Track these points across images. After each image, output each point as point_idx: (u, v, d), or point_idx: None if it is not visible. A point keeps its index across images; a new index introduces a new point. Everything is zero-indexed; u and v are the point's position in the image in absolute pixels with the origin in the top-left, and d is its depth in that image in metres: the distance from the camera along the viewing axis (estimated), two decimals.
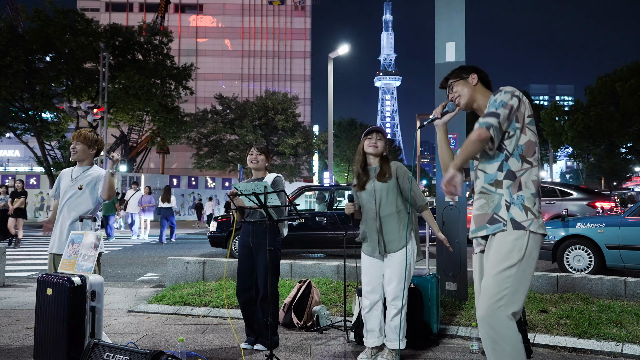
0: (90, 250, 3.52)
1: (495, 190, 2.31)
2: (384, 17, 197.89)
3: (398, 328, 3.43)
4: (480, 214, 2.36)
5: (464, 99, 2.50)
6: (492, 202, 2.31)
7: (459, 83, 2.52)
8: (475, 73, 2.51)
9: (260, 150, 3.95)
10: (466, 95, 2.50)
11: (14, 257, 10.17)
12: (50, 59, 24.22)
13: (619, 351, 3.68)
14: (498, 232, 2.26)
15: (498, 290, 2.18)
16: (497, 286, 2.19)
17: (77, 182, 3.76)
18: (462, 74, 2.53)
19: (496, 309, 2.16)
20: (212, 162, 35.40)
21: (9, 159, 45.55)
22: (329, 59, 18.85)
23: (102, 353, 2.89)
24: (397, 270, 3.44)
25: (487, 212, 2.32)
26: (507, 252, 2.22)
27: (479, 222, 2.36)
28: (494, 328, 2.16)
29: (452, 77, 2.57)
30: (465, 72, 2.53)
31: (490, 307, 2.18)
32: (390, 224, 3.46)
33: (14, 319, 4.84)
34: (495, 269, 2.22)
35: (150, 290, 6.37)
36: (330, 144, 19.67)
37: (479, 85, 2.51)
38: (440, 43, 5.03)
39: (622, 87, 35.04)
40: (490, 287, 2.21)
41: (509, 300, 2.17)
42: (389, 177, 3.47)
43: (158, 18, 46.87)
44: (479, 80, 2.51)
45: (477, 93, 2.50)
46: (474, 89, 2.50)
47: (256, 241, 3.78)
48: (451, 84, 2.56)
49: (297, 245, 9.80)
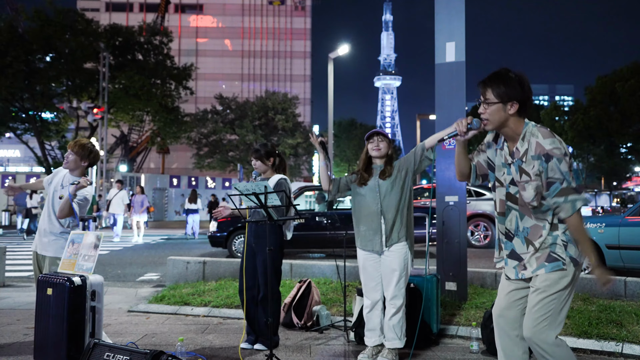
0: (90, 250, 3.52)
1: (549, 232, 2.31)
2: (384, 17, 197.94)
3: (397, 327, 3.43)
4: (538, 256, 2.32)
5: (491, 125, 2.33)
6: (547, 242, 2.30)
7: (496, 106, 2.29)
8: (517, 102, 2.27)
9: (257, 156, 3.94)
10: (496, 122, 2.32)
11: (14, 257, 10.17)
12: (50, 59, 24.24)
13: (619, 351, 3.68)
14: (557, 270, 2.29)
15: (544, 313, 2.26)
16: (544, 308, 2.27)
17: (63, 191, 3.70)
18: (505, 95, 2.27)
19: (541, 329, 2.26)
20: (212, 162, 35.40)
21: (9, 159, 45.54)
22: (329, 59, 18.84)
23: (102, 353, 2.89)
24: (395, 269, 3.46)
25: (545, 252, 2.31)
26: (558, 279, 2.28)
27: (536, 262, 2.32)
28: (542, 348, 2.26)
29: (494, 91, 2.30)
30: (509, 94, 2.27)
31: (536, 327, 2.27)
32: (390, 220, 3.49)
33: (14, 319, 4.84)
34: (544, 293, 2.28)
35: (151, 290, 6.37)
36: (330, 144, 19.67)
37: (515, 116, 2.30)
38: (440, 43, 5.03)
39: (622, 87, 35.02)
40: (536, 310, 2.28)
41: (553, 321, 2.27)
42: (388, 175, 3.52)
43: (158, 18, 46.85)
44: (517, 110, 2.29)
45: (510, 120, 2.31)
46: (509, 117, 2.30)
47: (257, 241, 3.78)
48: (488, 100, 2.31)
49: (297, 245, 9.79)
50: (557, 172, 2.20)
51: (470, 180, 2.58)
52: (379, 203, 3.51)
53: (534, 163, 2.24)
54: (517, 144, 2.32)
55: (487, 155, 2.50)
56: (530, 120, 2.36)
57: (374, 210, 3.53)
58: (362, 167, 3.62)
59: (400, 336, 3.46)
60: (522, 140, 2.30)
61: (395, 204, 3.48)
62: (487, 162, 2.49)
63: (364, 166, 3.61)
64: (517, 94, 2.27)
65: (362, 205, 3.59)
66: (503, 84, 2.28)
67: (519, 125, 2.32)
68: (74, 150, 3.77)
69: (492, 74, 2.34)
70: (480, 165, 2.53)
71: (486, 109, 2.32)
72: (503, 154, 2.39)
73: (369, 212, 3.55)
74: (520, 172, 2.30)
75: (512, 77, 2.28)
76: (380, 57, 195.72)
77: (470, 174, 2.55)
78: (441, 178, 5.04)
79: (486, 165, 2.50)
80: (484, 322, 3.78)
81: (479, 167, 2.53)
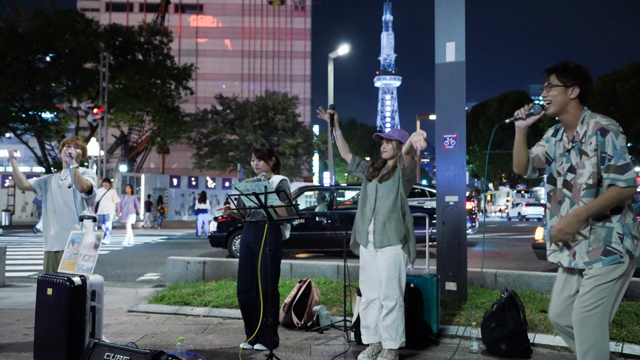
0: (90, 250, 3.52)
1: (603, 224, 2.37)
2: (384, 17, 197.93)
3: (390, 328, 3.43)
4: (593, 248, 2.38)
5: (554, 108, 2.47)
6: (601, 235, 2.36)
7: (559, 89, 2.44)
8: (578, 87, 2.43)
9: (259, 156, 3.91)
10: (558, 104, 2.46)
11: (14, 257, 10.17)
12: (51, 59, 24.25)
13: (619, 351, 3.68)
14: (614, 263, 2.35)
15: (596, 300, 2.34)
16: (597, 295, 2.34)
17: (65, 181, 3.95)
18: (567, 80, 2.44)
19: (591, 315, 2.33)
20: (212, 162, 35.39)
21: (9, 159, 45.55)
22: (329, 59, 18.85)
23: (102, 353, 2.89)
24: (386, 270, 3.47)
25: (600, 246, 2.36)
26: (612, 269, 2.34)
27: (592, 256, 2.37)
28: (587, 333, 2.33)
29: (558, 76, 2.46)
30: (571, 80, 2.43)
31: (586, 312, 2.34)
32: (382, 221, 3.52)
33: (14, 319, 4.84)
34: (598, 281, 2.35)
35: (151, 290, 6.37)
36: (330, 144, 19.61)
37: (575, 100, 2.45)
38: (440, 43, 5.03)
39: (622, 87, 35.03)
40: (589, 297, 2.35)
41: (604, 310, 2.33)
42: (387, 178, 3.58)
43: (158, 18, 46.88)
44: (579, 94, 2.44)
45: (570, 105, 2.45)
46: (570, 101, 2.45)
47: (257, 241, 3.78)
48: (551, 83, 2.47)
49: (297, 245, 9.80)
50: (610, 148, 2.30)
51: (527, 172, 2.65)
52: (374, 204, 3.59)
53: (591, 140, 2.36)
54: (576, 128, 2.45)
55: (545, 149, 2.61)
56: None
57: (368, 209, 3.62)
58: (379, 164, 3.73)
59: (395, 337, 3.44)
60: (582, 124, 2.43)
61: (387, 209, 3.52)
62: (546, 155, 2.61)
63: (381, 164, 3.72)
64: (578, 81, 2.43)
65: (362, 200, 3.70)
66: (566, 70, 2.45)
67: (578, 111, 2.45)
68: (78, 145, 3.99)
69: (558, 63, 2.52)
70: (538, 158, 2.63)
71: (549, 92, 2.47)
72: (562, 144, 2.52)
73: (364, 209, 3.65)
74: (580, 154, 2.42)
75: (575, 67, 2.46)
76: (380, 57, 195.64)
77: (527, 165, 2.64)
78: (441, 178, 5.04)
79: (544, 159, 2.61)
80: (484, 322, 3.78)
81: (537, 160, 2.64)
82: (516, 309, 3.68)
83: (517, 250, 12.18)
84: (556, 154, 2.54)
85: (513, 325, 3.60)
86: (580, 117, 2.44)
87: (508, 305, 3.70)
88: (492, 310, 3.77)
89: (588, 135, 2.38)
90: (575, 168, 2.43)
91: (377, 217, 3.55)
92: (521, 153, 2.61)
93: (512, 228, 23.54)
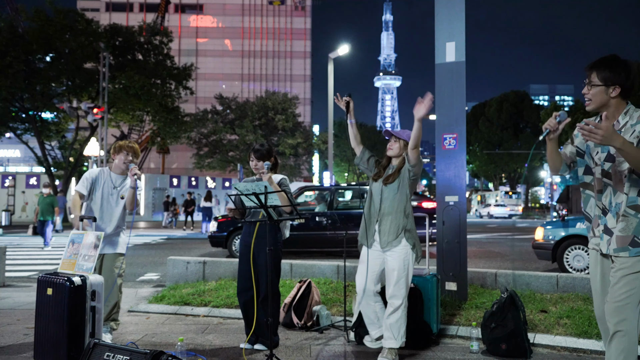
0: (90, 250, 3.52)
1: (635, 214, 2.39)
2: (384, 17, 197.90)
3: (394, 326, 3.44)
4: (622, 235, 2.41)
5: (593, 105, 2.47)
6: (632, 224, 2.39)
7: (599, 89, 2.43)
8: (619, 87, 2.40)
9: (258, 156, 3.89)
10: (598, 103, 2.46)
11: (14, 257, 10.17)
12: (51, 59, 24.23)
13: None
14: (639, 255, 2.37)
15: (626, 290, 2.36)
16: (627, 286, 2.36)
17: (122, 191, 4.13)
18: (608, 80, 2.40)
19: (623, 305, 2.35)
20: (212, 162, 35.39)
21: (9, 159, 45.53)
22: (329, 59, 18.84)
23: (102, 353, 2.89)
24: (394, 268, 3.50)
25: (628, 235, 2.39)
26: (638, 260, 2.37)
27: (619, 242, 2.41)
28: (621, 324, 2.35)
29: (599, 74, 2.42)
30: (613, 80, 2.40)
31: (618, 302, 2.36)
32: (387, 222, 3.55)
33: (14, 319, 4.84)
34: (626, 271, 2.37)
35: (151, 290, 6.37)
36: (330, 144, 19.66)
37: (617, 98, 2.43)
38: (440, 43, 5.03)
39: None
40: (618, 287, 2.38)
41: (635, 300, 2.35)
42: (392, 181, 3.59)
43: (158, 18, 46.89)
44: (620, 94, 2.42)
45: (611, 102, 2.44)
46: (610, 99, 2.43)
47: (257, 241, 3.78)
48: (592, 82, 2.44)
49: (297, 245, 9.79)
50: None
51: (561, 171, 2.67)
52: (379, 205, 3.60)
53: (634, 129, 2.36)
54: (618, 118, 2.44)
55: (575, 146, 2.63)
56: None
57: (374, 210, 3.63)
58: (384, 163, 3.73)
59: (397, 336, 3.45)
60: (625, 115, 2.43)
61: (393, 210, 3.55)
62: (576, 151, 2.63)
63: (386, 163, 3.72)
64: (620, 79, 2.39)
65: (368, 201, 3.72)
66: (608, 68, 2.40)
67: (620, 107, 2.45)
68: (134, 153, 4.16)
69: (600, 58, 2.46)
70: (566, 156, 2.65)
71: (589, 90, 2.45)
72: None
73: (370, 210, 3.66)
74: None
75: (618, 64, 2.41)
76: (380, 57, 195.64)
77: (561, 166, 2.66)
78: (441, 178, 5.04)
79: (571, 155, 2.64)
80: (484, 322, 3.78)
81: (566, 158, 2.65)
82: (516, 309, 3.68)
83: (517, 250, 12.19)
84: (590, 146, 2.54)
85: (513, 325, 3.60)
86: (624, 109, 2.44)
87: (508, 305, 3.70)
88: (492, 310, 3.78)
89: (630, 124, 2.38)
90: (615, 156, 2.42)
91: (383, 218, 3.57)
92: (555, 159, 2.62)
93: (512, 228, 23.53)
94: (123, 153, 4.11)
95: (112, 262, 3.99)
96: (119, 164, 4.12)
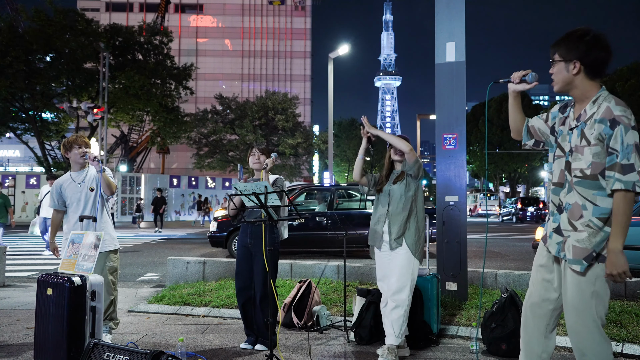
0: (90, 250, 3.52)
1: (602, 227, 2.15)
2: (384, 17, 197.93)
3: (395, 323, 3.45)
4: (580, 247, 2.18)
5: (557, 85, 2.29)
6: (596, 239, 2.16)
7: (559, 65, 2.24)
8: (579, 62, 2.18)
9: (262, 150, 3.98)
10: (560, 82, 2.27)
11: (14, 257, 10.17)
12: (51, 59, 24.23)
13: (619, 351, 3.68)
14: (590, 268, 2.19)
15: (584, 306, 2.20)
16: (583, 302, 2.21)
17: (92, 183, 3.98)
18: (568, 54, 2.20)
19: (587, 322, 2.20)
20: (212, 162, 35.41)
21: (9, 159, 45.55)
22: (329, 59, 18.84)
23: (102, 353, 2.89)
24: (400, 267, 3.51)
25: (587, 248, 2.17)
26: (589, 273, 2.20)
27: (576, 254, 2.20)
28: (583, 342, 2.21)
29: (559, 50, 2.25)
30: (572, 54, 2.19)
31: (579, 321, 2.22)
32: (397, 224, 3.57)
33: (14, 319, 4.84)
34: (580, 284, 2.21)
35: (150, 290, 6.37)
36: (331, 144, 19.66)
37: (580, 74, 2.20)
38: (440, 43, 5.03)
39: (622, 87, 35.03)
40: (578, 304, 2.22)
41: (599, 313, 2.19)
42: (400, 180, 3.63)
43: (158, 18, 46.82)
44: (582, 69, 2.19)
45: (577, 81, 2.22)
46: (573, 77, 2.22)
47: (255, 241, 3.78)
48: (552, 59, 2.27)
49: (297, 245, 9.80)
50: (618, 143, 2.07)
51: (523, 140, 2.51)
52: (387, 205, 3.62)
53: (596, 127, 2.13)
54: (585, 106, 2.23)
55: (548, 124, 2.42)
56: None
57: (382, 211, 3.66)
58: (385, 173, 3.75)
59: (398, 333, 3.46)
60: (593, 104, 2.20)
61: (401, 210, 3.58)
62: (546, 130, 2.42)
63: (387, 172, 3.74)
64: (578, 54, 2.19)
65: (376, 203, 3.75)
66: (566, 42, 2.23)
67: (589, 89, 2.23)
68: (86, 144, 4.04)
69: (564, 34, 2.28)
70: (534, 129, 2.47)
71: (553, 68, 2.28)
72: (568, 121, 2.30)
73: (379, 213, 3.68)
74: (581, 137, 2.20)
75: (578, 37, 2.20)
76: (380, 57, 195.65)
77: (522, 131, 2.50)
78: (441, 178, 5.04)
79: (546, 132, 2.43)
80: (484, 322, 3.78)
81: (533, 131, 2.47)
82: (516, 309, 3.68)
83: (517, 250, 12.18)
84: (563, 131, 2.32)
85: (513, 325, 3.60)
86: (595, 96, 2.20)
87: (508, 305, 3.70)
88: (492, 310, 3.78)
89: (594, 119, 2.14)
90: (573, 151, 2.22)
91: (392, 219, 3.59)
92: (513, 117, 2.48)
93: (512, 228, 23.54)
94: (75, 147, 4.00)
95: (103, 260, 3.91)
96: (76, 159, 4.00)
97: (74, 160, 4.00)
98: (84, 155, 3.96)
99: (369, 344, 3.92)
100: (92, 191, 3.95)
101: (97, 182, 3.93)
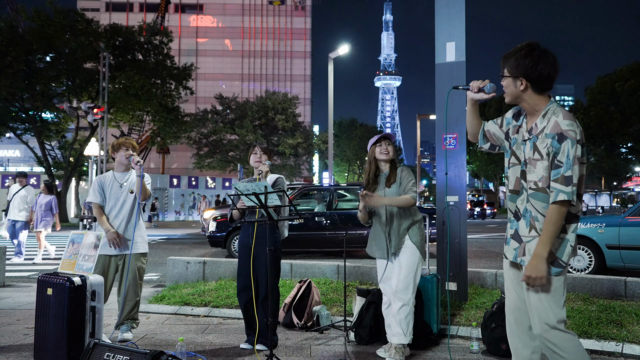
0: (90, 250, 3.52)
1: (559, 235, 2.18)
2: (384, 17, 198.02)
3: (403, 322, 3.45)
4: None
5: (508, 98, 2.32)
6: (554, 246, 2.18)
7: (507, 80, 2.27)
8: (525, 80, 2.22)
9: (264, 150, 4.00)
10: (510, 95, 2.30)
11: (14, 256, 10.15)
12: (51, 59, 24.21)
13: (619, 351, 3.68)
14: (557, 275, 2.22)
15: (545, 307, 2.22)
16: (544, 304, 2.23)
17: (133, 186, 4.16)
18: (515, 70, 2.23)
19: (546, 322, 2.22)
20: (212, 162, 35.42)
21: (9, 159, 45.55)
22: (329, 59, 18.85)
23: (103, 353, 2.89)
24: (405, 267, 3.52)
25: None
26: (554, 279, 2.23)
27: None
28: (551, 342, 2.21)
29: (507, 65, 2.27)
30: (518, 70, 2.22)
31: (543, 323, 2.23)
32: (397, 227, 3.56)
33: (14, 319, 4.84)
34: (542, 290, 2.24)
35: (151, 290, 6.37)
36: (331, 144, 19.66)
37: (528, 90, 2.24)
38: (440, 43, 5.03)
39: (622, 87, 35.03)
40: (538, 307, 2.25)
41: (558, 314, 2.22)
42: (393, 181, 3.60)
43: (158, 18, 46.87)
44: (529, 86, 2.23)
45: (525, 96, 2.26)
46: (521, 92, 2.26)
47: (256, 241, 3.78)
48: (502, 73, 2.30)
49: (297, 245, 9.80)
50: (564, 156, 2.11)
51: (479, 143, 2.54)
52: (386, 212, 3.60)
53: (547, 141, 2.17)
54: (536, 120, 2.26)
55: (502, 129, 2.45)
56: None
57: (382, 219, 3.63)
58: (371, 175, 3.67)
59: (406, 333, 3.48)
60: (543, 118, 2.23)
61: (400, 211, 3.57)
62: (500, 135, 2.45)
63: (373, 174, 3.67)
64: (524, 71, 2.21)
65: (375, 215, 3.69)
66: (513, 58, 2.25)
67: (538, 102, 2.26)
68: (133, 147, 4.22)
69: (513, 48, 2.29)
70: (489, 134, 2.50)
71: (503, 81, 2.31)
72: (521, 131, 2.33)
73: (378, 221, 3.66)
74: (534, 150, 2.23)
75: (524, 54, 2.22)
76: (380, 57, 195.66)
77: (478, 135, 2.52)
78: (441, 178, 5.04)
79: (501, 137, 2.46)
80: (484, 322, 3.78)
81: (489, 135, 2.50)
82: None
83: None
84: (518, 139, 2.34)
85: None
86: (544, 110, 2.24)
87: None
88: (492, 310, 3.78)
89: (545, 134, 2.18)
90: (527, 163, 2.25)
91: (393, 221, 3.58)
92: (471, 122, 2.50)
93: None
94: (123, 149, 4.17)
95: (135, 262, 4.08)
96: (121, 161, 4.18)
97: (120, 161, 4.19)
98: (129, 157, 4.14)
99: (369, 344, 3.92)
100: (131, 193, 4.13)
101: (137, 185, 4.09)
